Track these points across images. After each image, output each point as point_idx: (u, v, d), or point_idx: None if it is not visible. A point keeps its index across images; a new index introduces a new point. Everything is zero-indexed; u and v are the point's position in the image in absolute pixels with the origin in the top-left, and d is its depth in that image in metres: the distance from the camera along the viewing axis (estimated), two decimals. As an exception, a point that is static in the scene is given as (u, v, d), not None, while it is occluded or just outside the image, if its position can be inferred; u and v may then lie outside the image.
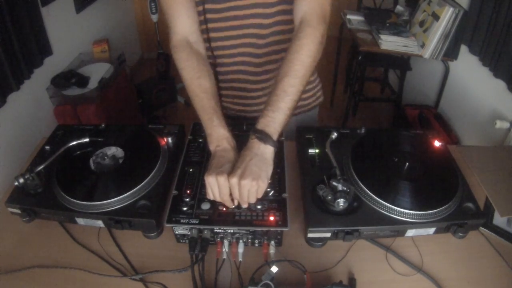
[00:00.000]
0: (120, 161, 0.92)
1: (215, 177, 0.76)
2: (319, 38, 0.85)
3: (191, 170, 0.90)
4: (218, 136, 0.84)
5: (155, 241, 0.86)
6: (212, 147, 0.85)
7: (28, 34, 1.84)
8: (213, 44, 1.03)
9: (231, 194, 0.78)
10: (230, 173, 0.77)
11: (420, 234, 0.83)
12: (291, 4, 0.90)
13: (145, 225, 0.83)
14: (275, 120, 0.79)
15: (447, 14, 2.00)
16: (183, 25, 0.95)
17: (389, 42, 2.20)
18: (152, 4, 2.73)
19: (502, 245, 0.85)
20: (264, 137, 0.78)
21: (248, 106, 1.15)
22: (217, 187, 0.77)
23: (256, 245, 0.82)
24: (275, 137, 0.79)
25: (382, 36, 2.20)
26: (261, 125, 0.79)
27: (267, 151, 0.79)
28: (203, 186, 0.83)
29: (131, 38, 3.49)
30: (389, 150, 0.95)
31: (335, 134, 0.97)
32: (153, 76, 2.90)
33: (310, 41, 0.83)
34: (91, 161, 0.91)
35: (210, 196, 0.79)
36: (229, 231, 0.79)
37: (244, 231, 0.79)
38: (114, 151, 0.94)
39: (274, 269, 0.71)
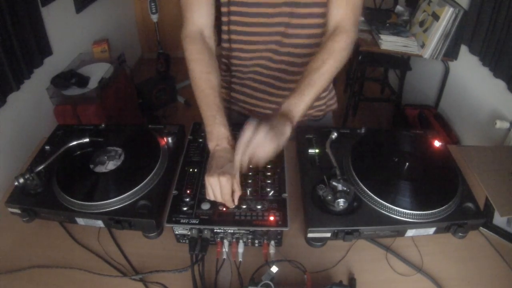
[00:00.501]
0: (120, 161, 0.92)
1: (217, 178, 0.76)
2: (351, 45, 0.90)
3: (191, 170, 0.90)
4: (219, 134, 0.84)
5: (155, 241, 0.86)
6: (211, 145, 0.85)
7: (28, 34, 1.84)
8: (233, 40, 1.02)
9: (232, 194, 0.79)
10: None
11: (420, 234, 0.83)
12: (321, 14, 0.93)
13: (145, 225, 0.83)
14: (297, 107, 0.82)
15: (447, 14, 2.00)
16: (201, 17, 0.94)
17: (389, 42, 2.20)
18: (152, 4, 2.73)
19: (502, 245, 0.85)
20: (286, 116, 0.80)
21: (257, 107, 1.15)
22: (218, 187, 0.77)
23: (256, 245, 0.82)
24: (295, 121, 0.81)
25: (382, 36, 2.20)
26: (285, 108, 0.82)
27: (286, 128, 0.79)
28: (203, 186, 0.83)
29: (131, 38, 3.49)
30: (389, 150, 0.95)
31: (335, 134, 0.97)
32: (153, 76, 2.90)
33: (344, 46, 0.88)
34: (91, 161, 0.91)
35: (211, 196, 0.79)
36: (229, 231, 0.79)
37: (244, 231, 0.79)
38: (114, 151, 0.94)
39: (274, 269, 0.71)
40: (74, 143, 0.94)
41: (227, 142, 0.84)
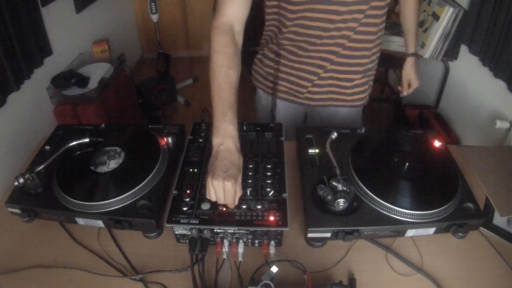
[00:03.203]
0: (120, 161, 0.92)
1: (222, 182, 0.75)
2: None
3: (191, 170, 0.90)
4: (226, 132, 0.81)
5: (155, 241, 0.86)
6: (216, 141, 0.81)
7: (28, 34, 1.83)
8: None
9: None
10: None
11: (420, 234, 0.83)
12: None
13: (145, 225, 0.83)
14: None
15: (447, 14, 2.00)
16: (235, 11, 0.93)
17: (389, 42, 2.20)
18: (152, 4, 2.73)
19: (502, 245, 0.85)
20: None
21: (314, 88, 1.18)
22: (222, 191, 0.76)
23: (256, 245, 0.82)
24: None
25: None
26: (414, 49, 1.38)
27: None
28: (203, 186, 0.83)
29: (131, 38, 3.48)
30: (389, 150, 0.95)
31: (335, 134, 0.97)
32: (153, 76, 2.90)
33: None
34: (91, 161, 0.91)
35: (213, 198, 0.78)
36: (229, 231, 0.79)
37: (244, 231, 0.79)
38: (114, 151, 0.94)
39: (274, 269, 0.71)
40: (74, 143, 0.94)
41: (232, 142, 0.81)
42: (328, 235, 0.80)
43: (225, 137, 0.80)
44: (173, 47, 3.43)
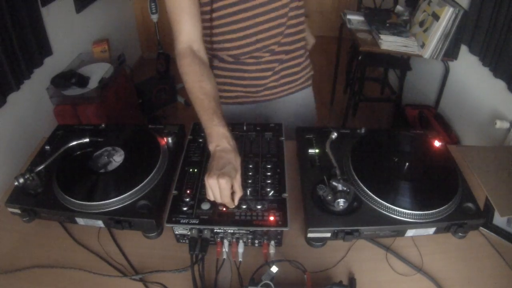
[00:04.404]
0: (120, 161, 0.92)
1: (216, 180, 0.76)
2: None
3: (191, 170, 0.90)
4: (218, 135, 0.84)
5: (155, 241, 0.86)
6: (211, 147, 0.84)
7: (28, 34, 1.84)
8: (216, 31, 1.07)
9: (232, 195, 0.79)
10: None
11: (420, 234, 0.83)
12: None
13: (145, 225, 0.83)
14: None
15: (447, 14, 2.00)
16: (188, 34, 0.96)
17: (389, 42, 2.20)
18: (152, 4, 2.73)
19: (502, 245, 0.85)
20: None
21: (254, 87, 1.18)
22: (218, 189, 0.77)
23: (256, 245, 0.82)
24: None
25: (382, 36, 2.20)
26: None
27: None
28: (203, 186, 0.83)
29: (131, 38, 3.49)
30: (389, 150, 0.95)
31: (335, 134, 0.97)
32: (153, 76, 2.90)
33: None
34: (91, 161, 0.91)
35: (211, 197, 0.79)
36: (229, 231, 0.79)
37: (244, 231, 0.79)
38: (114, 151, 0.94)
39: (274, 269, 0.71)
40: (74, 143, 0.94)
41: (227, 142, 0.83)
42: (328, 235, 0.80)
43: (219, 139, 0.83)
44: (173, 47, 3.43)
